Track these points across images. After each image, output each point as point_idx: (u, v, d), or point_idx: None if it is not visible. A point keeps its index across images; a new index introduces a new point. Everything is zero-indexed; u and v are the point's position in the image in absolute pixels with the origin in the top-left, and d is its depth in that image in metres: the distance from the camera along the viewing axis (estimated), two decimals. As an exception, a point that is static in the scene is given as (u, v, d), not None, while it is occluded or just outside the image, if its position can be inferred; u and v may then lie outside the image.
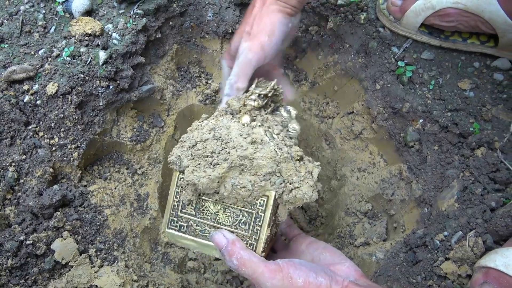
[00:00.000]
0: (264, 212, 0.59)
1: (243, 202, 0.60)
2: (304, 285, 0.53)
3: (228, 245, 0.58)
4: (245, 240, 0.60)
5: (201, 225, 0.63)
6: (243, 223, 0.60)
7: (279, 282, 0.53)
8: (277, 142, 0.60)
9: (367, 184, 1.01)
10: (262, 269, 0.54)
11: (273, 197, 0.59)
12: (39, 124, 0.84)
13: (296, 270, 0.54)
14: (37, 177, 0.82)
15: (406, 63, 0.91)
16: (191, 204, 0.63)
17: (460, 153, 0.83)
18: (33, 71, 0.85)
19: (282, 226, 0.75)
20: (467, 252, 0.69)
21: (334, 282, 0.55)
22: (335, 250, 0.64)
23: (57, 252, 0.78)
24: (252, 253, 0.57)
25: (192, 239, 0.64)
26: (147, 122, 1.03)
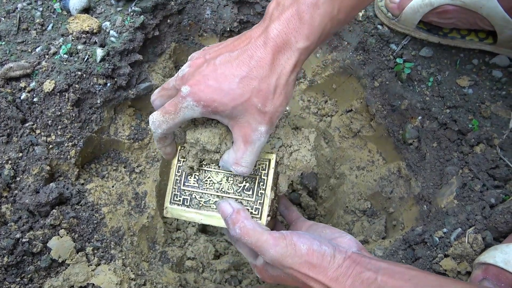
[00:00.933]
0: (267, 176, 0.60)
1: None
2: (308, 252, 0.53)
3: (233, 213, 0.57)
4: (250, 205, 0.60)
5: (204, 196, 0.63)
6: (246, 189, 0.61)
7: (282, 249, 0.53)
8: None
9: (366, 182, 1.00)
10: (266, 236, 0.54)
11: (274, 159, 0.59)
12: (36, 121, 0.84)
13: (300, 238, 0.54)
14: (34, 174, 0.81)
15: (404, 60, 0.90)
16: (193, 176, 0.63)
17: (459, 150, 0.82)
18: (30, 68, 0.84)
19: (281, 209, 0.74)
20: (466, 248, 0.69)
21: (337, 251, 0.54)
22: (334, 228, 0.64)
23: (53, 250, 0.77)
24: (257, 224, 0.57)
25: (195, 212, 0.64)
26: (145, 120, 1.03)
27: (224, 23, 1.04)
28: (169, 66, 1.05)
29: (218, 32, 1.06)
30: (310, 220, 0.69)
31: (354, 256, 0.54)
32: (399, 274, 0.51)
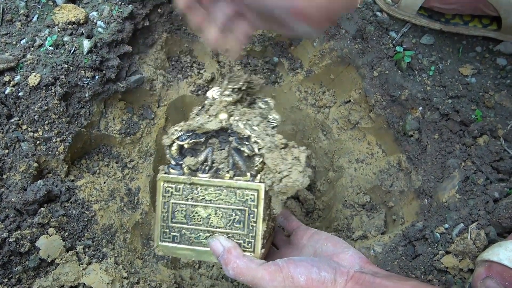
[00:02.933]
0: (257, 207, 0.57)
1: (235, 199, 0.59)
2: (307, 283, 0.51)
3: (224, 253, 0.56)
4: (242, 239, 0.58)
5: (194, 232, 0.61)
6: (237, 222, 0.58)
7: (280, 284, 0.51)
8: (258, 133, 0.59)
9: (365, 176, 0.97)
10: (261, 273, 0.52)
11: (263, 190, 0.57)
12: (22, 117, 0.81)
13: (297, 268, 0.52)
14: (21, 172, 0.78)
15: (404, 48, 0.87)
16: (180, 212, 0.61)
17: (462, 141, 0.79)
18: (14, 61, 0.81)
19: (280, 219, 0.72)
20: (468, 245, 0.66)
21: (338, 274, 0.53)
22: (337, 240, 0.62)
23: (42, 249, 0.75)
24: (249, 259, 0.55)
25: (187, 248, 0.62)
26: (137, 114, 1.00)
27: (217, 12, 1.00)
28: (161, 57, 1.02)
29: (211, 22, 1.03)
30: (311, 228, 0.67)
31: (357, 276, 0.52)
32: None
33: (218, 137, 0.63)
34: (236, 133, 0.60)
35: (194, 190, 0.61)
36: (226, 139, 0.62)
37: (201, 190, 0.60)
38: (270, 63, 1.11)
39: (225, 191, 0.59)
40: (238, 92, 0.64)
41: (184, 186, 0.61)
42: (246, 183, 0.58)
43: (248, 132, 0.58)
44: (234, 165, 0.61)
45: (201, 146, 0.64)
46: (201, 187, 0.60)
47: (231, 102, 0.62)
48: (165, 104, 1.03)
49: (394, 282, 0.50)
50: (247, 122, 0.60)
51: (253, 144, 0.58)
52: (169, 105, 1.04)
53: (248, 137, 0.58)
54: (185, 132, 0.62)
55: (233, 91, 0.63)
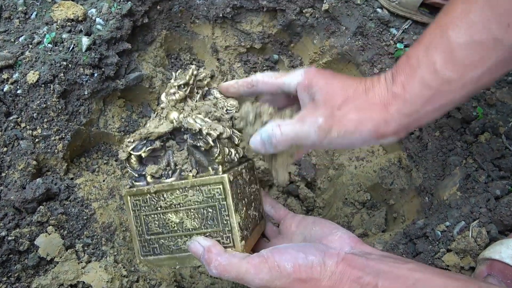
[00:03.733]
0: (226, 200, 0.55)
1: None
2: (294, 269, 0.49)
3: (204, 253, 0.53)
4: (219, 235, 0.56)
5: (172, 239, 0.59)
6: (210, 219, 0.56)
7: (266, 275, 0.49)
8: (210, 124, 0.57)
9: (365, 173, 0.97)
10: (245, 267, 0.50)
11: (227, 180, 0.55)
12: (21, 114, 0.80)
13: (282, 256, 0.50)
14: (20, 170, 0.78)
15: (405, 45, 0.86)
16: (153, 223, 0.60)
17: (463, 139, 0.79)
18: (12, 59, 0.81)
19: (267, 208, 0.70)
20: (470, 243, 0.65)
21: (327, 256, 0.50)
22: (324, 222, 0.59)
23: (41, 248, 0.75)
24: (231, 255, 0.52)
25: (169, 257, 0.60)
26: (136, 112, 0.99)
27: (216, 9, 0.99)
28: (160, 55, 1.02)
29: (211, 19, 1.02)
30: (299, 215, 0.65)
31: (348, 258, 0.50)
32: (402, 278, 0.47)
33: (175, 138, 0.62)
34: (189, 130, 0.58)
35: (161, 197, 0.59)
36: (182, 138, 0.61)
37: (167, 196, 0.58)
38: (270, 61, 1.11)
39: (191, 191, 0.57)
40: (185, 87, 0.62)
41: (150, 196, 0.59)
42: (208, 178, 0.56)
43: (198, 126, 0.56)
44: (197, 163, 0.60)
45: (160, 151, 0.62)
46: (167, 193, 0.58)
47: (179, 100, 0.61)
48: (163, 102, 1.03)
49: (390, 265, 0.48)
50: (197, 116, 0.58)
51: (206, 137, 0.56)
52: (169, 103, 1.03)
53: (199, 131, 0.56)
54: (138, 142, 0.60)
55: (179, 88, 0.61)
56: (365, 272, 0.48)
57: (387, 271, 0.48)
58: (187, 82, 0.62)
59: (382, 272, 0.47)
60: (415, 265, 0.49)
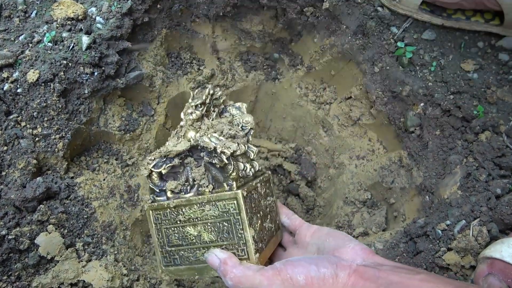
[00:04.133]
0: (240, 214, 0.58)
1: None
2: (307, 281, 0.50)
3: (220, 265, 0.56)
4: (235, 247, 0.59)
5: (191, 251, 0.62)
6: (226, 233, 0.59)
7: (279, 287, 0.51)
8: (224, 143, 0.60)
9: (366, 172, 0.97)
10: (259, 279, 0.52)
11: (241, 196, 0.58)
12: (21, 113, 0.80)
13: (295, 269, 0.51)
14: (20, 169, 0.78)
15: (406, 43, 0.86)
16: (173, 235, 0.63)
17: (463, 137, 0.79)
18: (12, 57, 0.81)
19: (283, 219, 0.73)
20: (470, 242, 0.65)
21: (340, 268, 0.51)
22: (338, 234, 0.61)
23: (41, 246, 0.75)
24: (246, 267, 0.54)
25: (189, 268, 0.63)
26: (136, 111, 0.99)
27: (217, 8, 0.99)
28: (161, 53, 1.01)
29: (211, 18, 1.02)
30: (314, 225, 0.67)
31: (360, 270, 0.51)
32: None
33: (193, 155, 0.65)
34: (205, 148, 0.61)
35: (180, 211, 0.62)
36: (199, 155, 0.64)
37: (186, 210, 0.61)
38: (270, 59, 1.11)
39: (208, 206, 0.60)
40: (201, 107, 0.66)
41: (170, 211, 0.63)
42: (223, 194, 0.59)
43: (213, 144, 0.60)
44: (213, 178, 0.62)
45: (179, 168, 0.65)
46: (185, 208, 0.61)
47: (196, 119, 0.65)
48: (165, 101, 1.03)
49: (401, 276, 0.49)
50: (212, 135, 0.62)
51: (220, 155, 0.59)
52: (169, 102, 1.03)
53: (214, 149, 0.59)
54: (159, 159, 0.64)
55: (196, 107, 0.66)
56: (377, 283, 0.48)
57: (399, 282, 0.48)
58: (204, 101, 0.66)
59: (394, 283, 0.48)
60: (426, 276, 0.49)
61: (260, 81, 1.11)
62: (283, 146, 1.17)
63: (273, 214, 0.69)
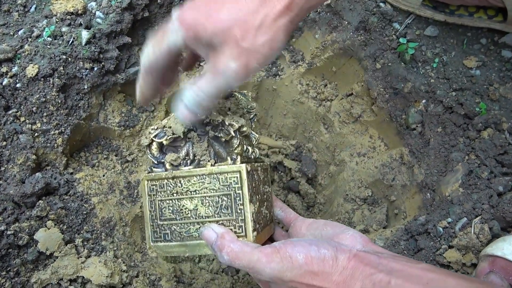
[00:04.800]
0: (242, 189, 0.56)
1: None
2: (306, 261, 0.48)
3: (217, 239, 0.53)
4: (232, 224, 0.56)
5: (184, 226, 0.60)
6: (224, 208, 0.57)
7: (278, 265, 0.48)
8: (232, 117, 0.59)
9: (366, 169, 0.96)
10: (257, 255, 0.50)
11: (245, 170, 0.55)
12: (20, 108, 0.80)
13: (295, 247, 0.49)
14: (19, 164, 0.78)
15: (408, 40, 0.85)
16: (167, 208, 0.60)
17: (466, 135, 0.78)
18: (12, 52, 0.80)
19: (277, 212, 0.70)
20: (472, 239, 0.65)
21: (339, 251, 0.49)
22: (336, 224, 0.59)
23: (40, 242, 0.74)
24: (244, 243, 0.52)
25: (180, 244, 0.61)
26: (136, 107, 0.99)
27: (217, 3, 0.98)
28: (161, 49, 1.01)
29: (212, 13, 1.01)
30: (309, 219, 0.65)
31: (360, 255, 0.49)
32: (416, 277, 0.46)
33: (197, 130, 0.62)
34: (211, 121, 0.59)
35: (178, 183, 0.60)
36: (203, 130, 0.62)
37: (184, 182, 0.59)
38: (271, 56, 1.10)
39: (208, 179, 0.58)
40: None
41: (167, 182, 0.60)
42: (227, 167, 0.57)
43: (221, 117, 0.58)
44: (215, 154, 0.61)
45: (181, 142, 0.63)
46: (184, 179, 0.59)
47: None
48: (165, 97, 1.02)
49: (402, 264, 0.47)
50: (220, 108, 0.60)
51: (228, 127, 0.57)
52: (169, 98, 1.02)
53: (222, 122, 0.58)
54: (161, 129, 0.62)
55: None
56: (377, 269, 0.47)
57: (400, 270, 0.47)
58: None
59: (395, 270, 0.47)
60: (427, 266, 0.48)
61: (261, 77, 1.10)
62: (284, 143, 1.17)
63: (269, 203, 0.67)
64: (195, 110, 0.52)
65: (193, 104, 0.51)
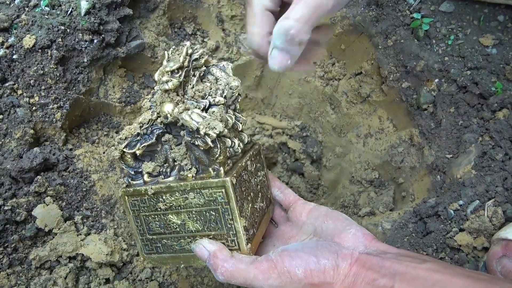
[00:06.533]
0: (229, 204, 0.51)
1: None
2: (306, 274, 0.47)
3: (210, 258, 0.51)
4: (224, 238, 0.53)
5: (175, 239, 0.56)
6: (213, 222, 0.52)
7: (276, 281, 0.47)
8: (208, 122, 0.50)
9: (374, 151, 0.94)
10: (253, 272, 0.48)
11: (230, 184, 0.50)
12: (17, 81, 0.77)
13: (292, 261, 0.48)
14: (17, 138, 0.75)
15: (422, 15, 0.81)
16: (154, 223, 0.56)
17: (480, 115, 0.75)
18: (8, 21, 0.77)
19: (276, 193, 0.67)
20: (484, 222, 0.63)
21: (340, 258, 0.48)
22: (337, 215, 0.56)
23: (39, 218, 0.72)
24: (238, 260, 0.50)
25: (174, 256, 0.57)
26: (138, 83, 0.96)
27: (223, -25, 0.94)
28: (163, 23, 0.97)
29: (217, -14, 0.97)
30: (310, 203, 0.62)
31: (362, 259, 0.47)
32: (420, 280, 0.44)
33: (172, 132, 0.56)
34: (185, 126, 0.52)
35: (160, 198, 0.54)
36: (179, 132, 0.55)
37: (167, 198, 0.54)
38: (277, 32, 1.06)
39: (191, 194, 0.52)
40: (179, 72, 0.54)
41: (148, 197, 0.55)
42: (209, 181, 0.51)
43: (194, 124, 0.49)
44: (196, 160, 0.54)
45: (156, 146, 0.57)
46: (166, 195, 0.54)
47: (173, 89, 0.53)
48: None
49: (406, 265, 0.46)
50: (193, 111, 0.51)
51: (204, 137, 0.50)
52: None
53: (197, 130, 0.50)
54: (132, 138, 0.56)
55: (173, 74, 0.53)
56: (380, 273, 0.46)
57: (404, 272, 0.45)
58: (182, 65, 0.54)
59: (399, 273, 0.45)
60: (433, 265, 0.46)
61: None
62: (288, 124, 1.14)
63: (264, 190, 0.63)
64: (288, 48, 0.46)
65: (285, 41, 0.46)
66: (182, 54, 0.54)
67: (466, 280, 0.43)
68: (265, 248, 0.61)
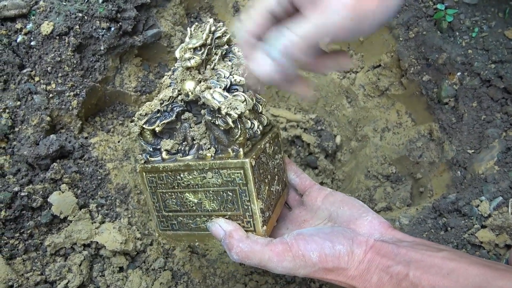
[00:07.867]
0: (247, 185, 0.51)
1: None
2: (320, 259, 0.47)
3: (225, 237, 0.51)
4: (240, 219, 0.52)
5: (191, 218, 0.56)
6: (230, 203, 0.52)
7: (290, 263, 0.47)
8: (230, 102, 0.49)
9: (391, 145, 0.92)
10: (268, 254, 0.48)
11: (249, 165, 0.50)
12: (35, 68, 0.77)
13: (307, 245, 0.48)
14: (33, 125, 0.75)
15: (446, 6, 0.79)
16: (171, 200, 0.56)
17: (504, 110, 0.73)
18: (26, 7, 0.76)
19: (291, 177, 0.66)
20: (508, 219, 0.61)
21: (356, 244, 0.48)
22: (354, 202, 0.56)
23: (54, 205, 0.72)
24: (253, 241, 0.50)
25: (189, 234, 0.57)
26: (153, 72, 0.95)
27: (241, -36, 0.93)
28: (180, 12, 0.96)
29: (234, -25, 0.96)
30: (326, 188, 0.61)
31: (377, 246, 0.47)
32: (436, 268, 0.43)
33: (192, 110, 0.56)
34: (206, 105, 0.51)
35: (178, 176, 0.54)
36: (199, 110, 0.55)
37: (184, 176, 0.54)
38: (294, 23, 1.05)
39: (210, 173, 0.52)
40: (201, 49, 0.53)
41: (166, 175, 0.55)
42: (229, 161, 0.51)
43: (216, 103, 0.49)
44: (215, 139, 0.53)
45: (175, 123, 0.56)
46: (184, 173, 0.54)
47: (195, 66, 0.53)
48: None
49: (422, 253, 0.45)
50: (215, 90, 0.51)
51: (225, 117, 0.49)
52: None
53: (218, 109, 0.49)
54: (151, 114, 0.55)
55: (195, 51, 0.52)
56: (395, 260, 0.45)
57: (419, 260, 0.44)
58: (204, 42, 0.53)
59: (414, 261, 0.44)
60: (449, 253, 0.45)
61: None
62: (303, 117, 1.12)
63: (280, 173, 0.62)
64: (283, 61, 0.41)
65: (281, 53, 0.41)
66: (205, 31, 0.54)
67: (482, 269, 0.42)
68: (278, 231, 0.61)
